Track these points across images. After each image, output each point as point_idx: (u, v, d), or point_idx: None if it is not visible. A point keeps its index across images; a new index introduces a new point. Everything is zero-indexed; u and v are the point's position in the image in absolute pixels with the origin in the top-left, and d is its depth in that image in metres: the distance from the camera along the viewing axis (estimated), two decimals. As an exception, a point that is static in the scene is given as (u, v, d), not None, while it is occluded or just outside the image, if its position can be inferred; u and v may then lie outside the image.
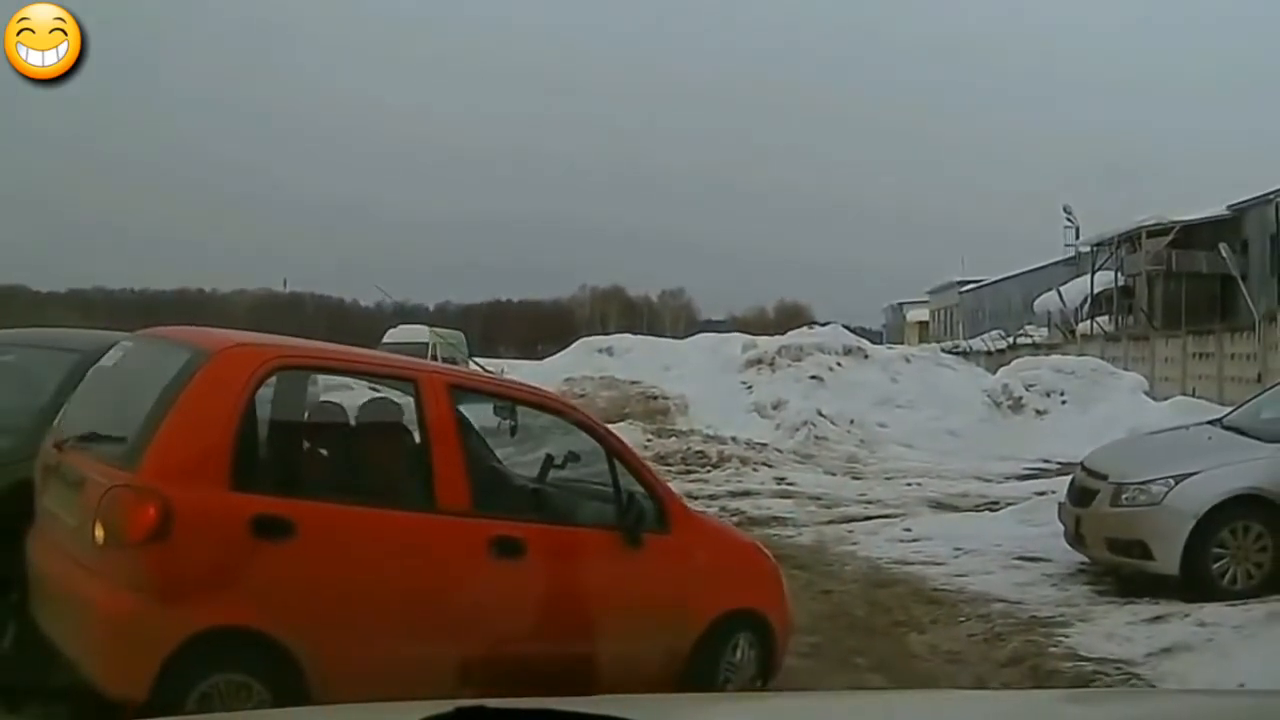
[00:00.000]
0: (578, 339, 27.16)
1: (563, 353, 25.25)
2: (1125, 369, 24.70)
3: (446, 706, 1.80)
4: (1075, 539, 8.70)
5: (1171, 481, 8.10)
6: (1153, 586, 8.01)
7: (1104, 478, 8.50)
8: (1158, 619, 7.37)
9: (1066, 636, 7.06)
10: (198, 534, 4.19)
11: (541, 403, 5.57)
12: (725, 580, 5.51)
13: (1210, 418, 9.99)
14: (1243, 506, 8.01)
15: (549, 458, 5.35)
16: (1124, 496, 8.22)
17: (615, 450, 5.27)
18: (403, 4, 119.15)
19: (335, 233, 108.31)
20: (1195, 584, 7.84)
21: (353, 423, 5.13)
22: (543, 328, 63.57)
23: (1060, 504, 9.05)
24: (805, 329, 23.38)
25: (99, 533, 4.18)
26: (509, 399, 5.40)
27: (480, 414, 5.24)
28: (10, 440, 5.49)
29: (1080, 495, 8.67)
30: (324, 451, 5.02)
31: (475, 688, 4.45)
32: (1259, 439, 8.57)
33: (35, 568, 4.74)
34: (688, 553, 5.33)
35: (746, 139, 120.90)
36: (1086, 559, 8.79)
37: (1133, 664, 6.53)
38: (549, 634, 4.72)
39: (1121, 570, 8.37)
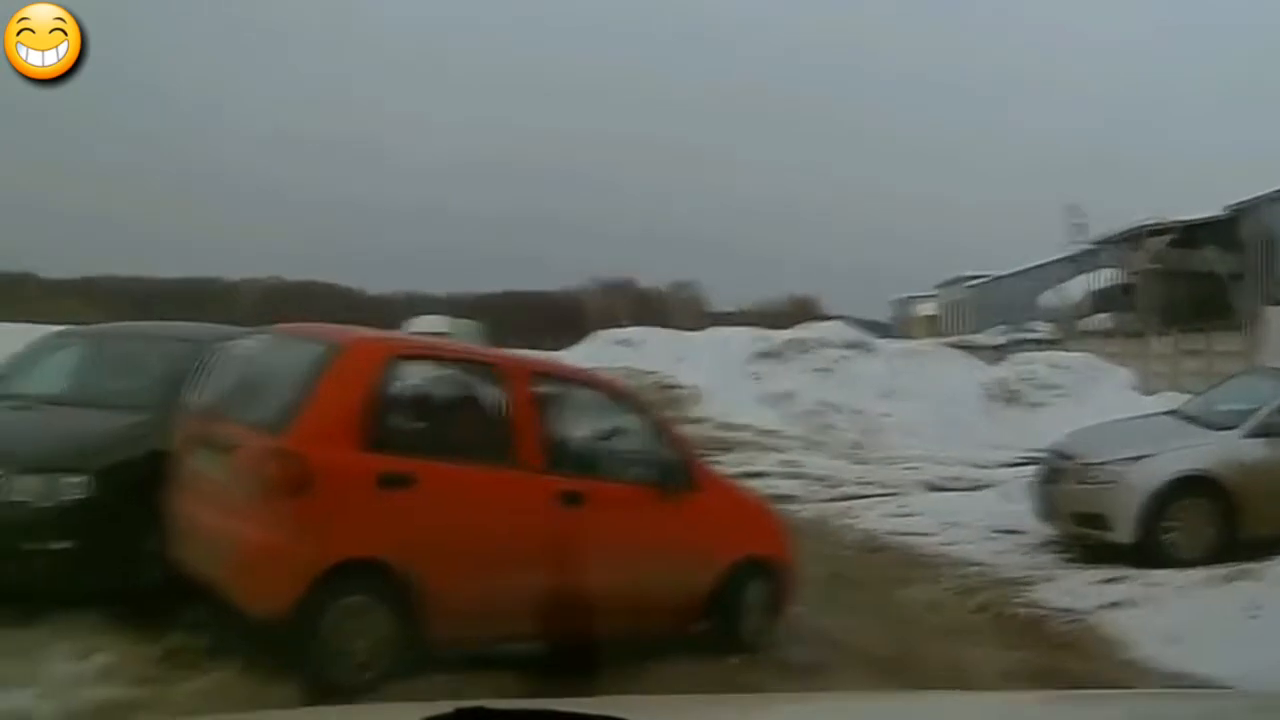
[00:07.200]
0: (589, 330, 28.06)
1: (582, 344, 26.23)
2: (1121, 365, 25.57)
3: (446, 707, 1.81)
4: (1044, 513, 9.81)
5: (1128, 462, 9.20)
6: (1112, 555, 9.00)
7: (1070, 459, 9.62)
8: (1111, 580, 8.48)
9: (1031, 592, 8.21)
10: (334, 486, 5.22)
11: (604, 385, 6.84)
12: (742, 531, 6.69)
13: (1169, 408, 11.13)
14: (1191, 485, 9.03)
15: (600, 430, 6.48)
16: (1087, 475, 9.31)
17: (655, 423, 6.45)
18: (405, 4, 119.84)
19: (346, 223, 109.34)
20: (1148, 553, 8.84)
21: (454, 400, 6.20)
22: (555, 318, 63.84)
23: (1032, 482, 10.17)
24: (812, 323, 24.33)
25: (253, 486, 5.23)
26: (572, 382, 6.63)
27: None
28: (146, 415, 6.52)
29: (1050, 474, 9.78)
30: (433, 421, 5.99)
31: (546, 612, 5.58)
32: (1209, 427, 9.65)
33: (182, 517, 5.73)
34: (712, 508, 6.50)
35: (756, 142, 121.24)
36: (1056, 532, 9.85)
37: (1083, 614, 7.66)
38: (601, 570, 5.75)
39: (1085, 541, 9.43)
